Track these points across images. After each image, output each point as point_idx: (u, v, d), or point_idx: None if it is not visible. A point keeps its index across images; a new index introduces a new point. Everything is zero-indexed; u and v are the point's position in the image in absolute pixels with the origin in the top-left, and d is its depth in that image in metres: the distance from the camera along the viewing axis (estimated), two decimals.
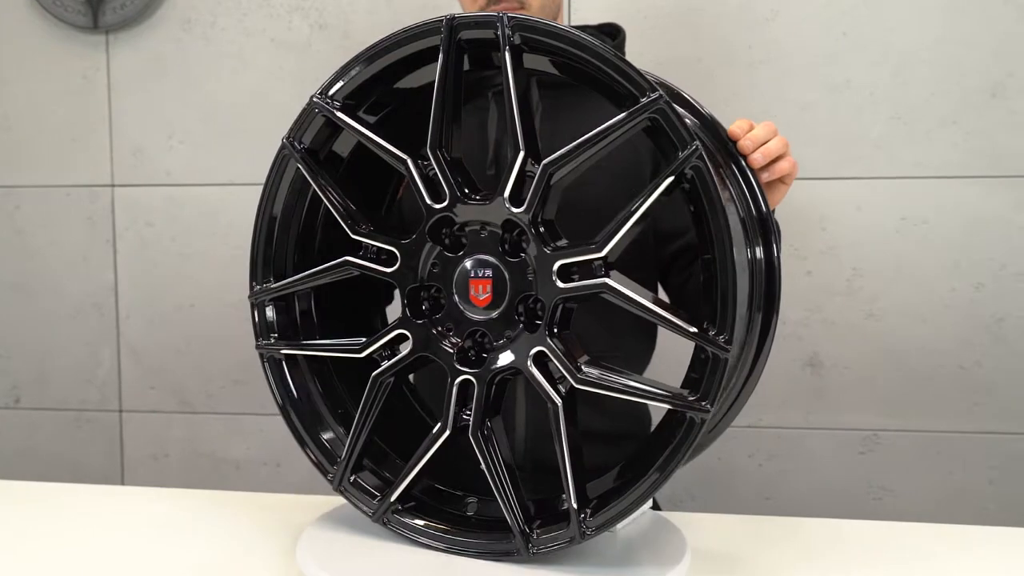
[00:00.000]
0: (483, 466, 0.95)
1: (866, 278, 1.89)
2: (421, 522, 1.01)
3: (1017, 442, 1.88)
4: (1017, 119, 1.81)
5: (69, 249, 2.12)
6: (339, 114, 1.02)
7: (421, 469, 1.01)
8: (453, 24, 0.95)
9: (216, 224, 2.07)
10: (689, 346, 0.91)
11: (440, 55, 0.93)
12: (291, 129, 1.06)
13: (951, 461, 1.90)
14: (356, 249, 1.03)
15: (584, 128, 0.92)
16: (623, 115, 0.90)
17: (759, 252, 0.97)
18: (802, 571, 1.04)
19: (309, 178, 1.04)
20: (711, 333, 0.88)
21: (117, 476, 2.15)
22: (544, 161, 0.91)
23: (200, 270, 2.08)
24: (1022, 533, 1.16)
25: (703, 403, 0.88)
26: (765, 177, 1.06)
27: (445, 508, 1.04)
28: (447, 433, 0.97)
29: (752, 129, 1.06)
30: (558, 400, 0.93)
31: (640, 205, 0.90)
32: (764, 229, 1.02)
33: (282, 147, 1.07)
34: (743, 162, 1.04)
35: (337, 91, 1.04)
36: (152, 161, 2.07)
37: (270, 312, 1.11)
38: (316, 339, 1.10)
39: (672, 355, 1.30)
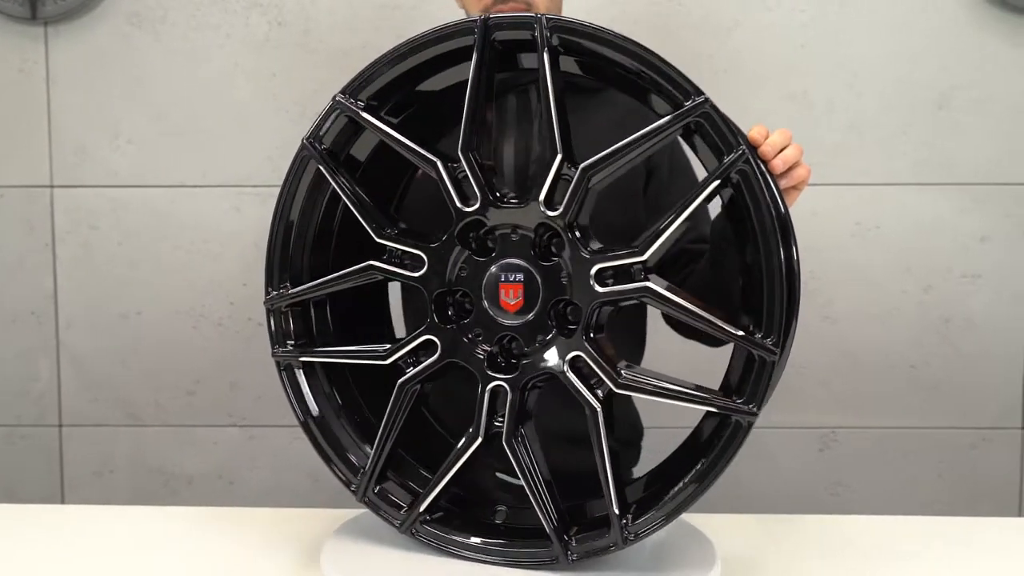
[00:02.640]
0: (518, 473, 0.94)
1: (822, 281, 1.95)
2: (451, 532, 0.99)
3: (962, 436, 1.98)
4: (961, 129, 1.91)
5: (4, 253, 1.99)
6: (364, 114, 0.99)
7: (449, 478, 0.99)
8: (488, 24, 0.94)
9: (166, 227, 1.97)
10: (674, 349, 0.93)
11: (474, 55, 0.92)
12: (312, 129, 1.03)
13: (902, 456, 1.98)
14: (379, 253, 1.00)
15: (588, 131, 0.93)
16: (668, 118, 0.90)
17: (794, 254, 0.99)
18: (817, 568, 1.06)
19: (331, 180, 1.01)
20: (757, 336, 0.89)
21: (56, 495, 2.03)
22: (583, 164, 0.91)
23: (149, 275, 1.98)
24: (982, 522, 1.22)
25: (750, 406, 0.89)
26: (784, 183, 1.08)
27: (472, 517, 1.01)
28: (479, 440, 0.95)
29: (769, 135, 1.08)
30: (597, 405, 0.92)
31: (684, 209, 0.91)
32: (785, 232, 1.04)
33: (302, 148, 1.03)
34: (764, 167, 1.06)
35: (361, 91, 1.01)
36: (96, 161, 1.97)
37: (286, 319, 1.07)
38: (333, 346, 1.07)
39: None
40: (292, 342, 1.06)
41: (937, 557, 1.09)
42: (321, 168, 1.00)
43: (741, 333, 0.90)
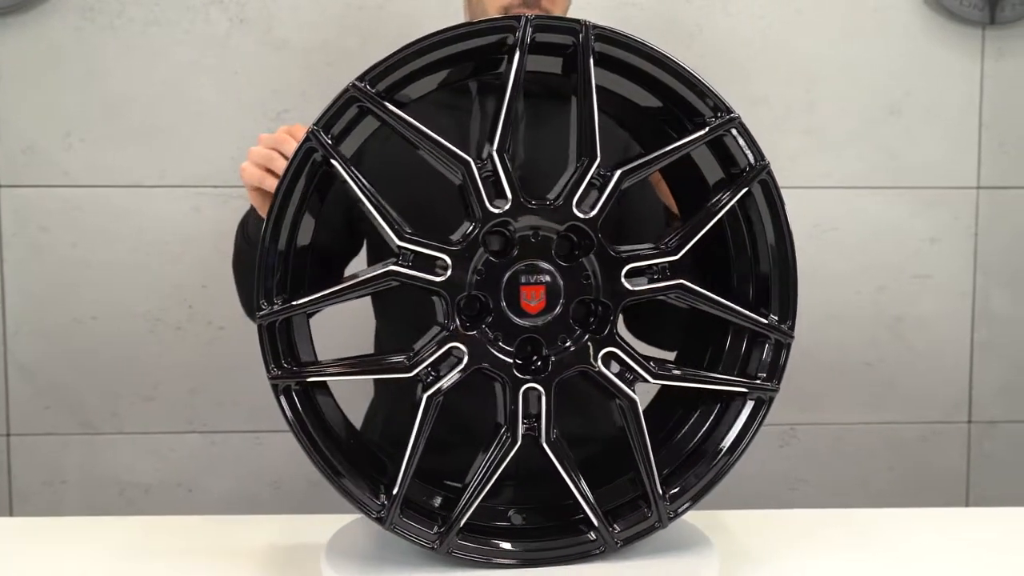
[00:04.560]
0: (560, 471, 0.94)
1: None
2: (487, 544, 0.96)
3: (912, 430, 2.06)
4: (913, 135, 1.99)
5: None
6: (389, 106, 0.90)
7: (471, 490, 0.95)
8: (532, 24, 0.93)
9: (123, 229, 1.91)
10: None
11: (516, 54, 0.91)
12: (320, 119, 0.91)
13: (857, 451, 2.05)
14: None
15: (561, 137, 0.96)
16: (705, 131, 0.96)
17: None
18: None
19: (347, 177, 0.92)
20: (776, 323, 0.98)
21: (3, 507, 1.94)
22: (621, 169, 0.93)
23: (104, 278, 1.92)
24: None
25: (772, 383, 0.99)
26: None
27: (490, 524, 1.00)
28: (518, 445, 0.94)
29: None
30: (636, 396, 0.95)
31: (716, 213, 0.95)
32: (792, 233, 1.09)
33: (307, 139, 0.90)
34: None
35: (378, 81, 0.91)
36: (46, 160, 1.89)
37: (281, 336, 0.94)
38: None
39: None
40: (291, 361, 0.95)
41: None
42: (335, 163, 0.91)
43: (766, 321, 0.98)
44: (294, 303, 0.92)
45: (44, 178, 1.90)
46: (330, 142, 0.91)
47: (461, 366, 0.93)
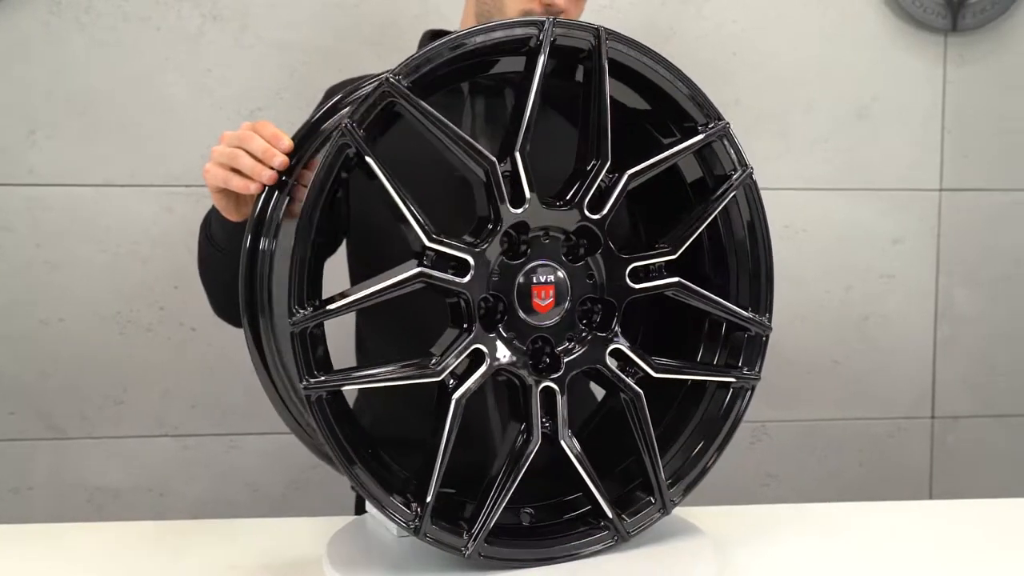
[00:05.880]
0: (577, 467, 0.95)
1: None
2: (512, 548, 0.96)
3: (879, 426, 2.11)
4: (879, 138, 2.04)
5: None
6: (422, 102, 0.88)
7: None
8: (555, 24, 0.93)
9: (91, 229, 1.87)
10: None
11: (541, 54, 0.92)
12: (354, 113, 0.87)
13: (826, 447, 2.10)
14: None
15: (547, 140, 1.00)
16: (702, 136, 1.01)
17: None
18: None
19: (382, 175, 0.88)
20: (757, 316, 1.06)
21: None
22: (629, 172, 0.95)
23: (71, 279, 1.87)
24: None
25: (755, 371, 1.06)
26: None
27: (504, 525, 1.00)
28: (538, 443, 0.95)
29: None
30: (640, 391, 0.98)
31: (709, 213, 0.97)
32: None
33: (342, 134, 0.85)
34: None
35: (408, 77, 0.88)
36: (10, 157, 1.84)
37: (313, 343, 0.89)
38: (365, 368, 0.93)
39: None
40: (323, 370, 0.89)
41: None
42: (369, 161, 0.87)
43: (749, 315, 1.05)
44: (329, 308, 0.87)
45: (8, 176, 1.84)
46: (363, 135, 0.87)
47: (483, 368, 0.92)
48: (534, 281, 0.94)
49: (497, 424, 1.21)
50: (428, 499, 0.89)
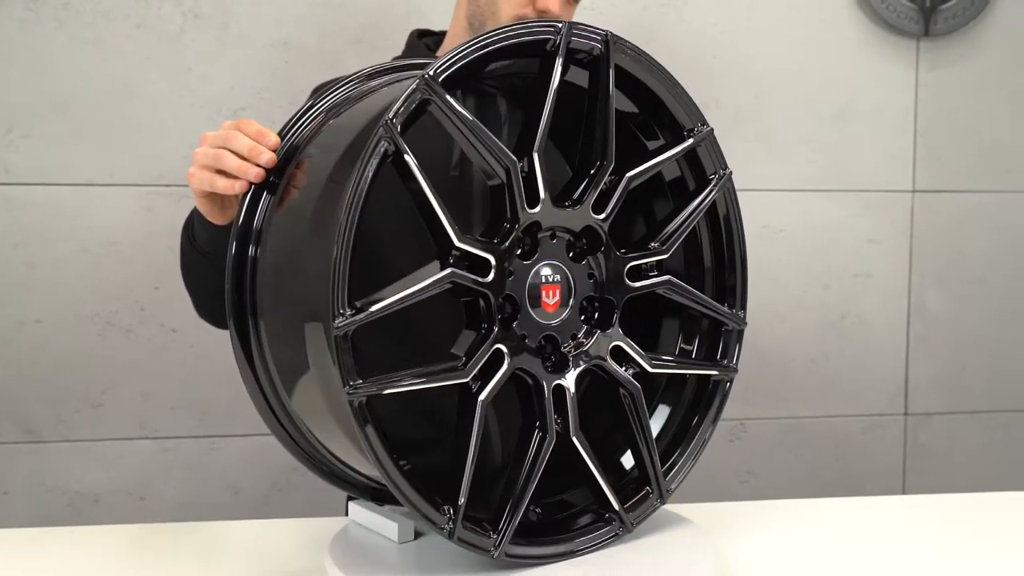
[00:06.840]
0: (588, 463, 0.96)
1: None
2: (532, 546, 0.96)
3: (855, 423, 2.15)
4: (856, 140, 2.08)
5: None
6: (451, 100, 0.88)
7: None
8: (571, 30, 0.95)
9: (70, 228, 1.84)
10: None
11: (559, 57, 0.93)
12: (395, 112, 0.84)
13: (803, 443, 2.14)
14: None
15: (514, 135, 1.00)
16: (690, 142, 1.04)
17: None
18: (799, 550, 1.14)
19: (419, 174, 0.86)
20: (733, 311, 1.09)
21: None
22: (629, 173, 0.96)
23: (49, 280, 1.84)
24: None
25: (734, 364, 1.10)
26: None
27: (521, 524, 1.00)
28: (554, 442, 0.95)
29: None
30: (639, 385, 1.00)
31: (695, 214, 1.04)
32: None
33: (382, 133, 0.83)
34: None
35: (439, 76, 0.87)
36: None
37: (358, 345, 0.85)
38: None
39: None
40: (362, 374, 0.86)
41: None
42: (407, 159, 0.85)
43: (727, 311, 1.08)
44: (373, 310, 0.84)
45: None
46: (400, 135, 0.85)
47: (504, 368, 0.92)
48: (543, 280, 0.95)
49: (495, 424, 1.22)
50: (461, 501, 0.88)
